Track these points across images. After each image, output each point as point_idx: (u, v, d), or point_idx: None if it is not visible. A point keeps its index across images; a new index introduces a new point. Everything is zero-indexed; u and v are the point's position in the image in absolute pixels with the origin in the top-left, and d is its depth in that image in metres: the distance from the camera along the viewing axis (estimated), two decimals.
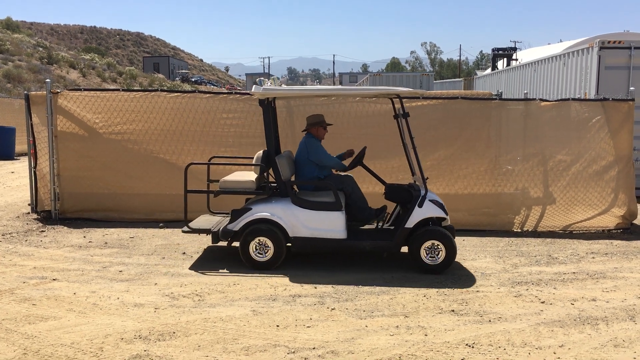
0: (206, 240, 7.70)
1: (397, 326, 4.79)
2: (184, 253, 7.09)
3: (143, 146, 8.81)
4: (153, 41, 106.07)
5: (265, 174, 6.73)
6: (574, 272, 6.48)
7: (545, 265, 6.79)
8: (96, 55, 52.71)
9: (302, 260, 6.78)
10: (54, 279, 5.96)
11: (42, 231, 8.15)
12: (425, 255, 6.32)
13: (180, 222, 8.62)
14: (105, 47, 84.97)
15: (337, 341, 4.47)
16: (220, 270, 6.37)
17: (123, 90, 9.07)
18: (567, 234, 8.53)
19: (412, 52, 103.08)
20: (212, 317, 4.94)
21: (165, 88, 12.24)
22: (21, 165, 16.07)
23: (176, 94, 8.99)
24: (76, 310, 5.07)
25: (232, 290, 5.66)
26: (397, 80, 35.35)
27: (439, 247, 6.29)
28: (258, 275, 6.19)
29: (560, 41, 30.57)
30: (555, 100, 9.02)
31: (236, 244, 6.63)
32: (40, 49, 41.21)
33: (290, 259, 6.74)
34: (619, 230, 8.64)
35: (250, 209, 6.47)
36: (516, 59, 30.33)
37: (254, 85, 6.65)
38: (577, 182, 8.69)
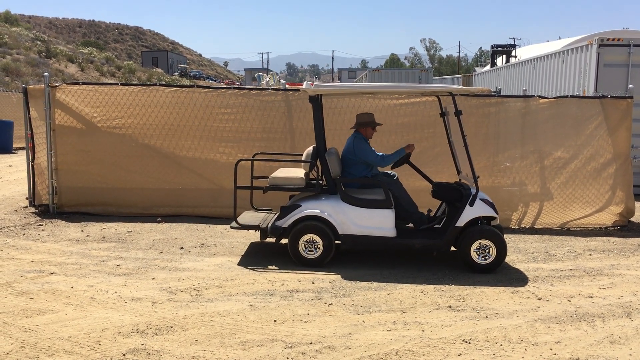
0: (204, 236, 7.70)
1: (394, 322, 4.80)
2: (182, 248, 7.09)
3: (141, 140, 8.79)
4: (152, 35, 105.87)
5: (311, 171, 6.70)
6: (571, 269, 6.49)
7: (543, 262, 6.80)
8: (95, 49, 52.58)
9: None
10: (51, 273, 5.96)
11: (40, 225, 8.14)
12: (476, 254, 6.27)
13: (178, 216, 8.65)
14: (104, 41, 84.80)
15: (334, 336, 4.48)
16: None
17: (121, 84, 9.05)
18: (565, 231, 8.54)
19: (411, 49, 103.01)
20: (209, 311, 4.95)
21: (163, 82, 12.22)
22: (19, 159, 16.05)
23: (175, 88, 8.98)
24: (74, 304, 5.07)
25: (230, 285, 5.67)
26: (395, 77, 35.35)
27: (490, 246, 6.23)
28: (255, 270, 6.20)
29: (559, 38, 30.58)
30: (554, 98, 9.02)
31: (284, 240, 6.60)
32: (39, 42, 41.11)
33: (286, 253, 6.76)
34: (616, 228, 8.66)
35: (300, 205, 6.42)
36: (515, 56, 30.35)
37: (305, 82, 6.62)
38: (575, 179, 8.70)
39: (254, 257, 6.74)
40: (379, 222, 6.36)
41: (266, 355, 4.12)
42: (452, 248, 6.48)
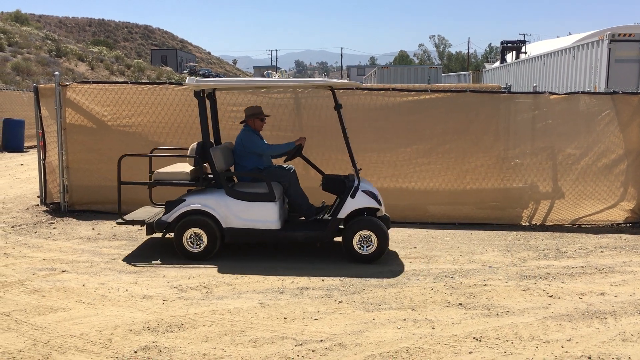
0: None
1: (405, 319, 4.80)
2: None
3: (151, 139, 8.81)
4: (161, 34, 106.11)
5: (205, 165, 6.74)
6: (582, 266, 6.46)
7: (554, 259, 6.77)
8: (104, 48, 52.85)
9: (308, 254, 6.79)
10: (63, 271, 6.00)
11: (51, 223, 8.20)
12: (357, 244, 6.39)
13: None
14: (114, 39, 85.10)
15: (345, 334, 4.48)
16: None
17: (131, 82, 9.07)
18: (576, 227, 8.49)
19: (420, 45, 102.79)
20: (220, 309, 4.96)
21: (173, 81, 12.24)
22: (30, 158, 16.15)
23: (184, 86, 8.98)
24: (85, 301, 5.11)
25: (240, 283, 5.68)
26: (404, 74, 35.24)
27: (371, 237, 6.37)
28: (265, 267, 6.21)
29: (570, 34, 30.40)
30: (565, 94, 8.96)
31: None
32: (49, 41, 41.35)
33: (297, 251, 6.78)
34: (628, 224, 8.60)
35: (184, 200, 6.53)
36: (525, 52, 30.20)
37: (188, 77, 6.66)
38: (586, 176, 8.63)
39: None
40: (262, 215, 6.44)
41: (276, 353, 4.13)
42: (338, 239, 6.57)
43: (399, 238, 7.65)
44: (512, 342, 4.35)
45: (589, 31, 20.90)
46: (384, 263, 6.47)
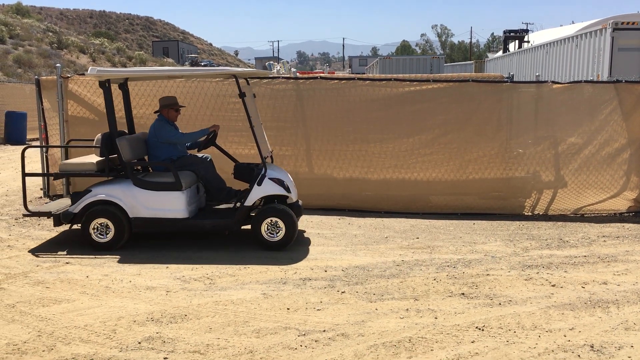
0: None
1: (407, 309, 4.81)
2: (194, 236, 7.12)
3: None
4: (162, 25, 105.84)
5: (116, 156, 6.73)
6: (585, 256, 6.46)
7: (556, 249, 6.76)
8: (106, 39, 52.74)
9: (312, 244, 6.80)
10: (66, 263, 6.02)
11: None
12: (266, 232, 6.46)
13: None
14: (115, 31, 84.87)
15: (347, 324, 4.49)
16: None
17: None
18: (579, 217, 8.48)
19: (422, 35, 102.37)
20: (223, 300, 4.98)
21: None
22: (33, 150, 16.14)
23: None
24: (89, 293, 5.13)
25: (243, 274, 5.70)
26: (407, 64, 35.09)
27: (279, 224, 6.43)
28: (268, 258, 6.22)
29: (573, 22, 30.25)
30: (568, 83, 8.92)
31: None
32: (50, 33, 41.26)
33: (299, 244, 6.78)
34: (630, 214, 8.58)
35: (90, 191, 6.55)
36: (528, 41, 30.06)
37: (90, 67, 6.63)
38: (589, 165, 8.62)
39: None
40: (169, 205, 6.47)
41: (280, 343, 4.15)
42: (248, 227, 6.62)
43: (401, 228, 7.66)
44: (515, 332, 4.36)
45: (592, 19, 20.81)
46: (386, 254, 6.48)
